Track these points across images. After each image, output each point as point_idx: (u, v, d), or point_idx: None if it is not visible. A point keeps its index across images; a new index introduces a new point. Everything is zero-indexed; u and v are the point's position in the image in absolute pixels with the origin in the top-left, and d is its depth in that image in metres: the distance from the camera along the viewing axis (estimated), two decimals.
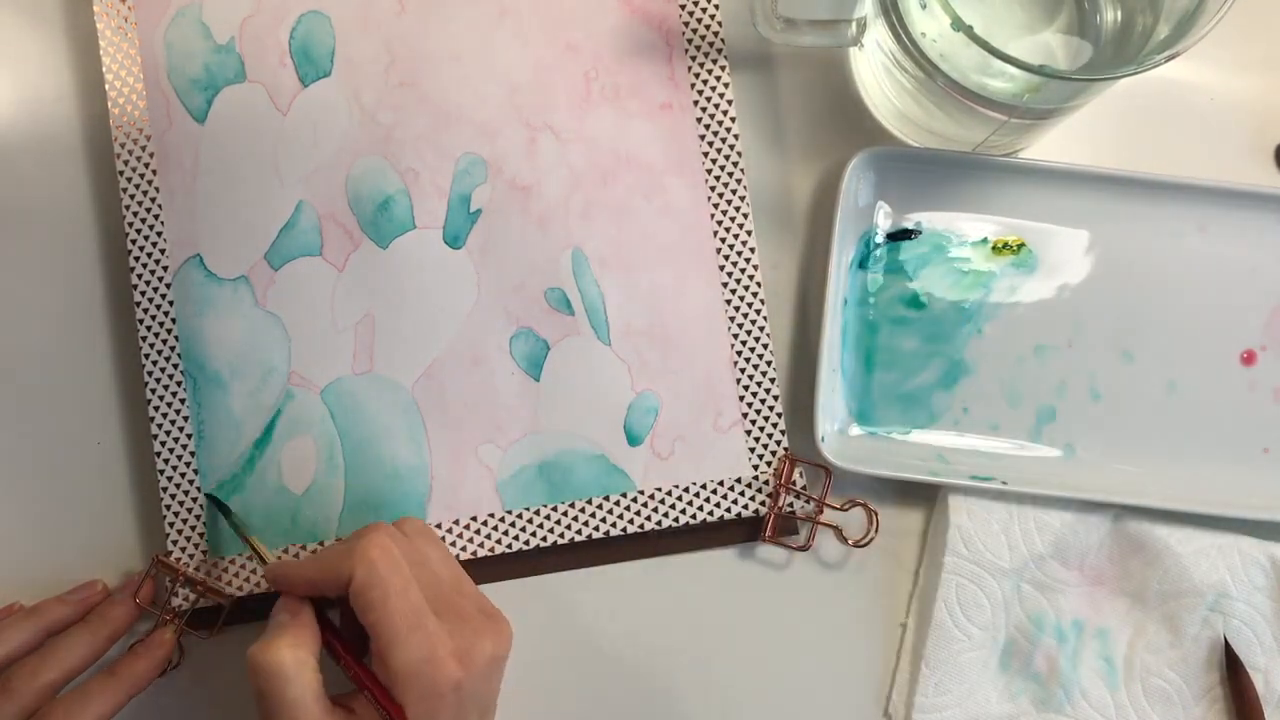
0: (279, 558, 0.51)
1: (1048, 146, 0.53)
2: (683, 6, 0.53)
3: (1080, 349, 0.52)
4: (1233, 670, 0.51)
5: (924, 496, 0.53)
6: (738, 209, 0.52)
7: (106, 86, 0.52)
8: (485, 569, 0.52)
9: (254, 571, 0.51)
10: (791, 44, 0.50)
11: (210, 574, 0.51)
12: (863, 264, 0.53)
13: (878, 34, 0.48)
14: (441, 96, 0.52)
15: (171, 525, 0.51)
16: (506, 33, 0.53)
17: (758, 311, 0.52)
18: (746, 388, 0.52)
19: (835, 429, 0.52)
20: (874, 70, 0.51)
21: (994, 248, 0.52)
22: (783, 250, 0.54)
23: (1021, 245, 0.52)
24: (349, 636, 0.45)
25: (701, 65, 0.53)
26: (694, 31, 0.53)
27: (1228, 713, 0.51)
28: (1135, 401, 0.52)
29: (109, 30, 0.53)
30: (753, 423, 0.52)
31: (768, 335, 0.52)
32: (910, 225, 0.53)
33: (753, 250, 0.52)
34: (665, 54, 0.53)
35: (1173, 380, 0.52)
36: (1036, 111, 0.47)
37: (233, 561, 0.51)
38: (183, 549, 0.51)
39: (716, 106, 0.52)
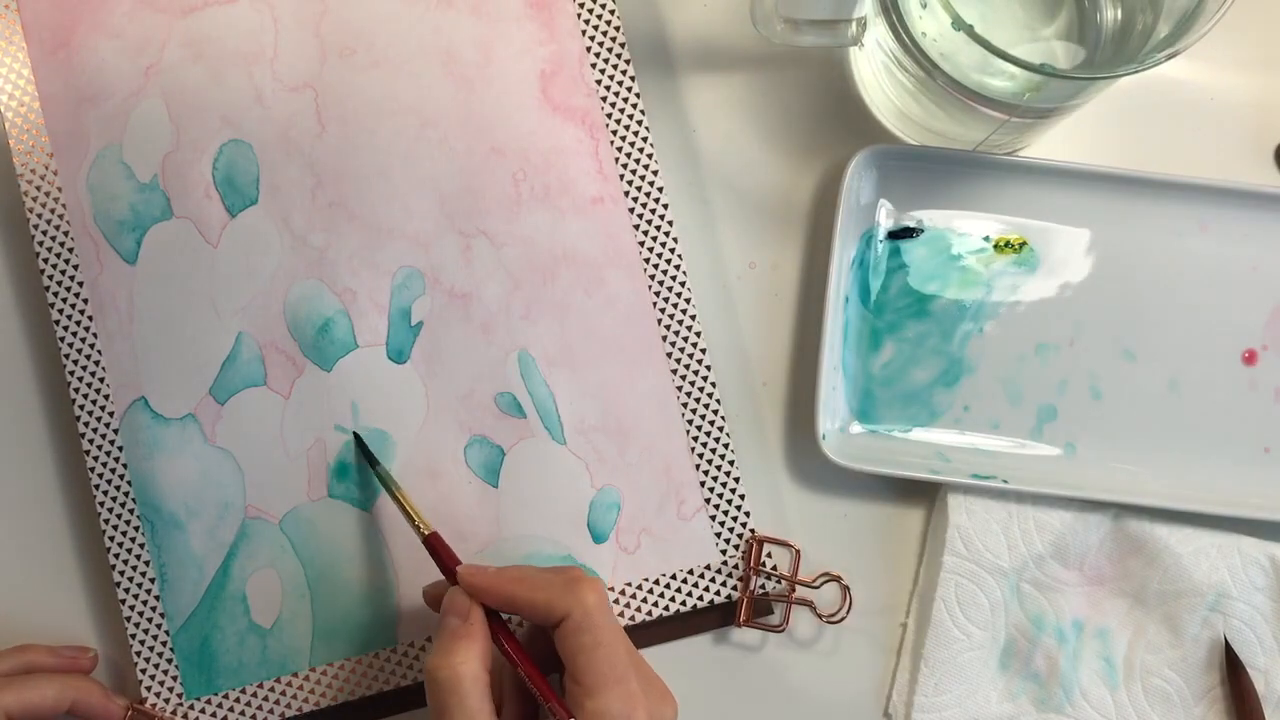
0: (424, 525, 0.48)
1: (1049, 145, 0.53)
2: (604, 99, 0.52)
3: (1081, 348, 0.52)
4: (1233, 671, 0.51)
5: (925, 495, 0.53)
6: (679, 295, 0.52)
7: (35, 245, 0.52)
8: None
9: (231, 710, 0.51)
10: (791, 44, 0.50)
11: (187, 716, 0.51)
12: (864, 262, 0.52)
13: (878, 33, 0.48)
14: (371, 213, 0.52)
15: (144, 671, 0.51)
16: (430, 143, 0.52)
17: (710, 395, 0.52)
18: (706, 473, 0.52)
19: (836, 427, 0.52)
20: (874, 70, 0.51)
21: (996, 246, 0.52)
22: (784, 249, 0.54)
23: (1023, 244, 0.52)
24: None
25: (629, 156, 0.52)
26: (618, 123, 0.52)
27: (1228, 713, 0.51)
28: (1136, 400, 0.52)
29: (31, 188, 0.52)
30: (716, 507, 0.52)
31: (722, 418, 0.52)
32: (912, 223, 0.53)
33: (699, 335, 0.52)
34: (591, 148, 0.52)
35: (1174, 379, 0.52)
36: (1037, 110, 0.47)
37: (209, 701, 0.51)
38: (158, 694, 0.51)
39: (648, 195, 0.52)
